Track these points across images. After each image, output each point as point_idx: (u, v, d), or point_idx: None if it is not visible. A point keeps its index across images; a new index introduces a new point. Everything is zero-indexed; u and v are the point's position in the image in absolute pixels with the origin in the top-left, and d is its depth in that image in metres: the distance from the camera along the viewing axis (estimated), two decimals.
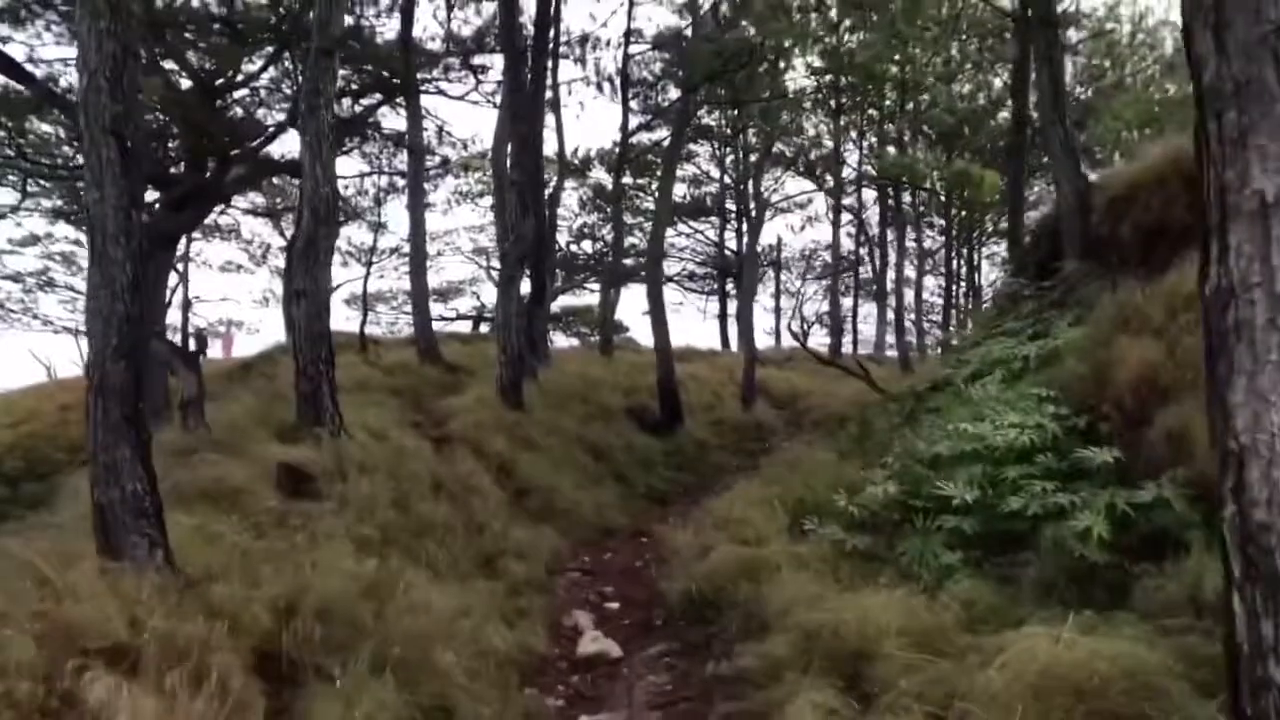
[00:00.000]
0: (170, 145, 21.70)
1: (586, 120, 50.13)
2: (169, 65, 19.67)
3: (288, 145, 25.30)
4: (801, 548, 6.64)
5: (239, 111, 22.29)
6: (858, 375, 16.86)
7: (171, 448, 7.33)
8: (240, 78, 21.13)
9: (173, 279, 33.31)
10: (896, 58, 17.46)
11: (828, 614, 4.94)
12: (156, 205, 20.68)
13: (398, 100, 21.89)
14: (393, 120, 27.61)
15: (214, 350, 29.77)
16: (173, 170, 20.66)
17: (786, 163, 32.69)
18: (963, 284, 40.44)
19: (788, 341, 35.62)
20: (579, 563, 8.85)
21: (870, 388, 16.20)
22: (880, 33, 17.04)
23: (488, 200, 32.76)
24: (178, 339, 27.75)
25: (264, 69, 20.71)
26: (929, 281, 44.84)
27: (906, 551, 6.10)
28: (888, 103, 27.80)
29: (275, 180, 30.47)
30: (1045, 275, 14.59)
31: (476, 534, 7.83)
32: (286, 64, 22.40)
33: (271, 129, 22.82)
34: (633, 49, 19.88)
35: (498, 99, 22.36)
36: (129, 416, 4.81)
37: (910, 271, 40.36)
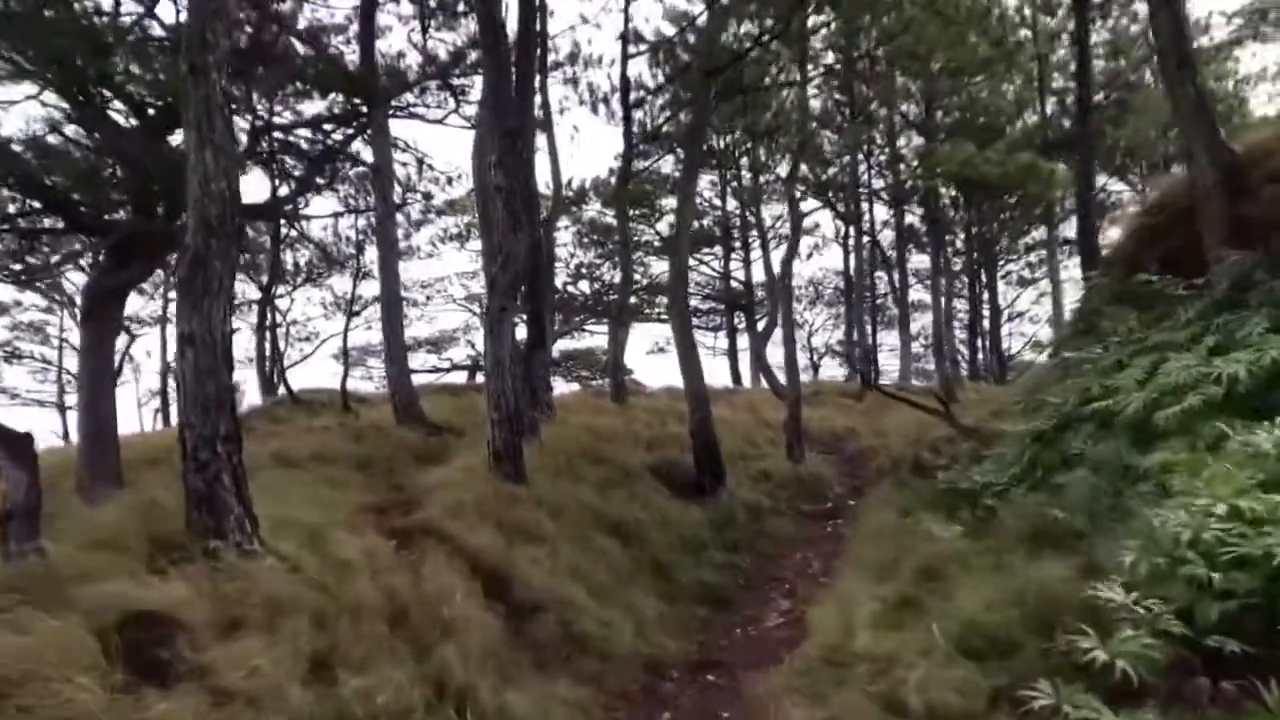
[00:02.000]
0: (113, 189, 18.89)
1: (582, 149, 47.44)
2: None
3: (247, 184, 22.52)
4: None
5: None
6: (934, 411, 14.04)
7: None
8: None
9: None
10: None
11: None
12: (99, 257, 17.97)
13: (367, 128, 19.35)
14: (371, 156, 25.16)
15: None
16: (109, 218, 17.89)
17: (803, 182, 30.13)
18: (985, 306, 37.74)
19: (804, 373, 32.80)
20: None
21: (952, 425, 13.38)
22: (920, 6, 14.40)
23: (478, 245, 30.18)
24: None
25: None
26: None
27: None
28: (911, 105, 25.23)
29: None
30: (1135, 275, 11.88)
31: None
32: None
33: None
34: (631, 50, 17.19)
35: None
36: None
37: (924, 295, 37.82)
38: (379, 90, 14.75)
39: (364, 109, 15.49)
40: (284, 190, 23.18)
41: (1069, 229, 33.34)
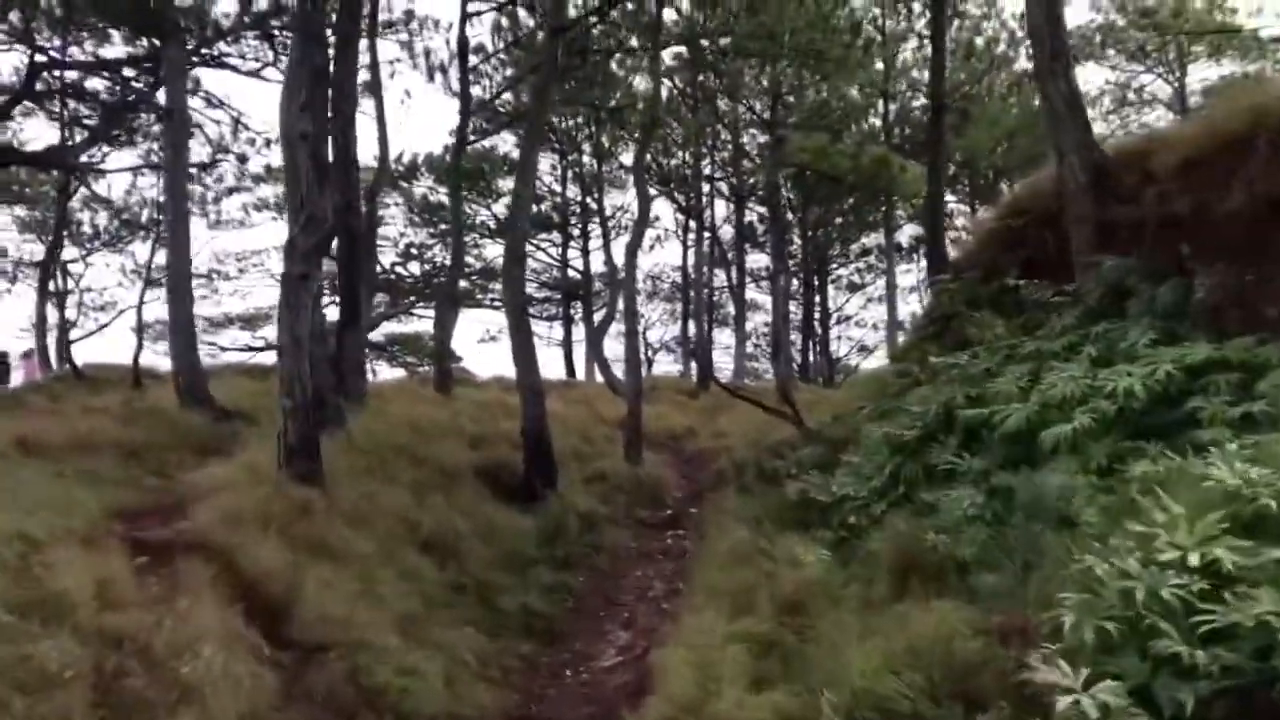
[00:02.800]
0: None
1: (415, 120, 44.91)
2: None
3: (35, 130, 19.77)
4: None
5: None
6: (777, 412, 13.35)
7: None
8: None
9: None
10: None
11: None
12: None
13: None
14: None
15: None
16: None
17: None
18: (816, 309, 38.08)
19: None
20: None
21: (798, 427, 12.73)
22: None
23: None
24: None
25: None
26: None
27: None
28: (756, 101, 24.72)
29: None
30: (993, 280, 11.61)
31: None
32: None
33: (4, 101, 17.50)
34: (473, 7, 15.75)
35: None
36: None
37: (757, 295, 37.83)
38: (173, 25, 12.81)
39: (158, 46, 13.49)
40: (75, 140, 20.59)
41: (902, 234, 34.15)
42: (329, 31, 10.55)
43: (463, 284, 33.16)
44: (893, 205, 28.64)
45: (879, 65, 23.10)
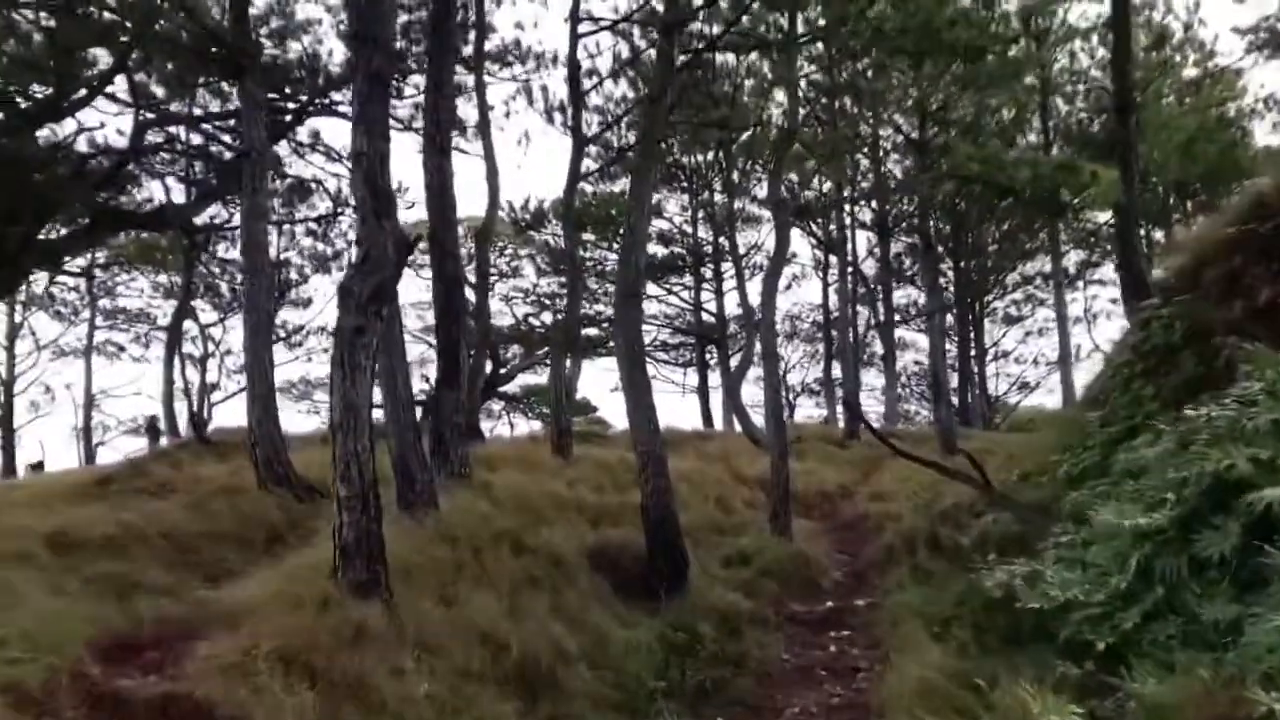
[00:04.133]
0: None
1: (540, 163, 44.11)
2: None
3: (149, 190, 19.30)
4: None
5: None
6: (951, 472, 11.07)
7: None
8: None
9: None
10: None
11: None
12: None
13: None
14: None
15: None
16: None
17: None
18: (971, 346, 34.91)
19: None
20: None
21: (984, 491, 10.47)
22: None
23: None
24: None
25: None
26: (923, 342, 39.62)
27: None
28: (901, 118, 22.43)
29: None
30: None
31: None
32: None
33: (112, 163, 16.97)
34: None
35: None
36: None
37: (903, 332, 35.05)
38: (249, 54, 11.67)
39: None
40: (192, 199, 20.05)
41: (1067, 259, 30.96)
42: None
43: (591, 332, 31.94)
44: (1057, 228, 25.78)
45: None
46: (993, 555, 8.76)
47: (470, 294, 18.77)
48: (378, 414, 7.95)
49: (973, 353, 34.88)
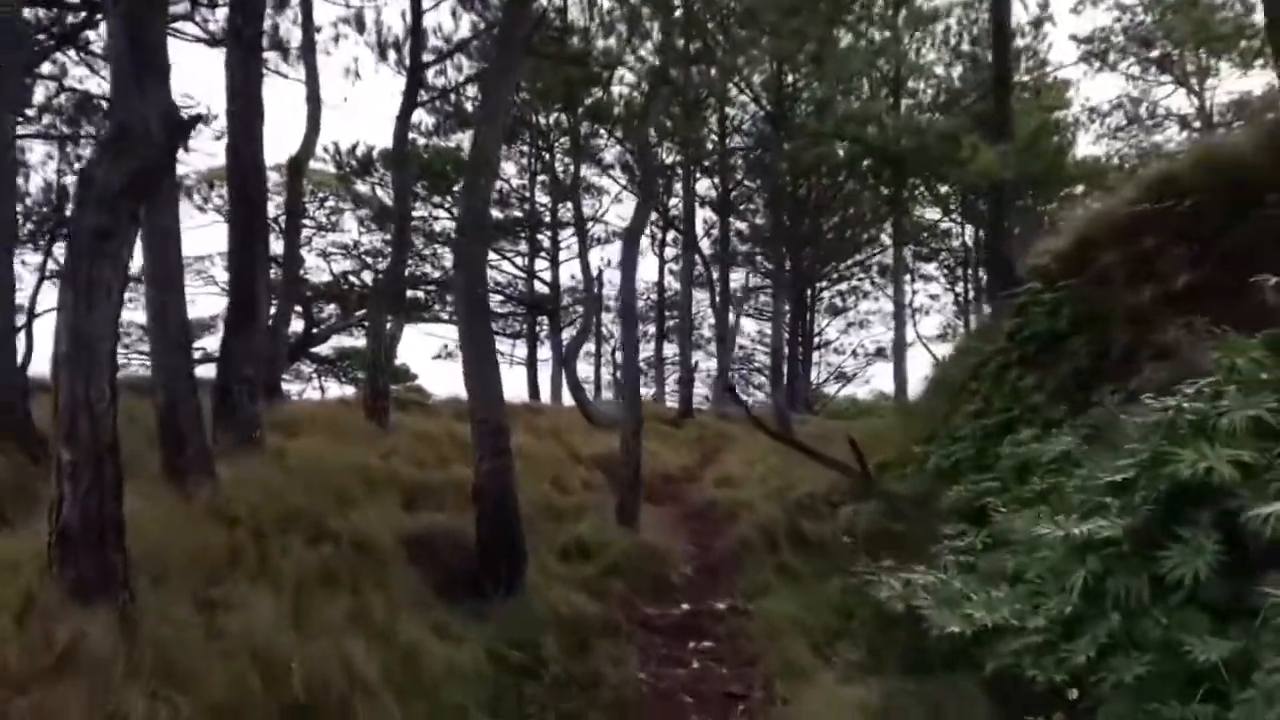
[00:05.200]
0: None
1: (364, 110, 41.08)
2: None
3: None
4: None
5: None
6: (839, 467, 10.16)
7: None
8: None
9: None
10: None
11: None
12: None
13: None
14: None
15: None
16: None
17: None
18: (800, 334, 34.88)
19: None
20: None
21: (853, 475, 9.59)
22: None
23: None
24: None
25: None
26: (750, 326, 39.58)
27: None
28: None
29: None
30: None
31: None
32: None
33: None
34: None
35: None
36: None
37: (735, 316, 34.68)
38: None
39: None
40: None
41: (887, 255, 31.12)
42: None
43: (417, 294, 29.79)
44: (901, 218, 25.65)
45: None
46: (873, 557, 7.78)
47: (279, 238, 16.62)
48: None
49: (800, 340, 34.83)
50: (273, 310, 14.81)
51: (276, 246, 20.67)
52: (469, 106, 23.27)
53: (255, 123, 8.85)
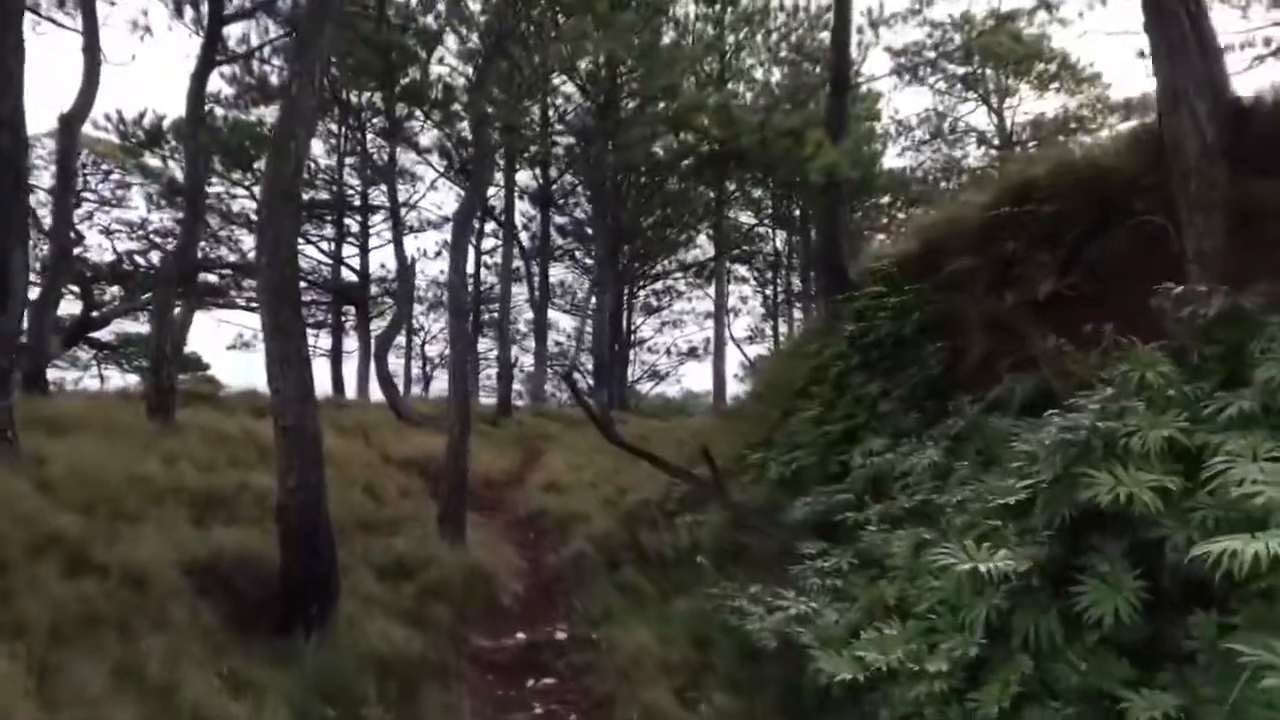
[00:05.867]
0: None
1: (155, 80, 37.64)
2: None
3: None
4: None
5: None
6: (686, 476, 9.56)
7: None
8: None
9: None
10: None
11: None
12: None
13: None
14: None
15: None
16: None
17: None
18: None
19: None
20: None
21: (699, 482, 9.05)
22: None
23: None
24: None
25: None
26: (564, 322, 39.05)
27: None
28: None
29: None
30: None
31: None
32: None
33: None
34: None
35: None
36: None
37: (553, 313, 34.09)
38: None
39: None
40: None
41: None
42: None
43: (211, 278, 27.39)
44: (721, 219, 25.65)
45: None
46: (724, 574, 7.22)
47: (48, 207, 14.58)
48: None
49: (616, 339, 34.54)
50: (36, 288, 12.95)
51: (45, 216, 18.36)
52: (274, 79, 21.52)
53: (10, 61, 7.37)
